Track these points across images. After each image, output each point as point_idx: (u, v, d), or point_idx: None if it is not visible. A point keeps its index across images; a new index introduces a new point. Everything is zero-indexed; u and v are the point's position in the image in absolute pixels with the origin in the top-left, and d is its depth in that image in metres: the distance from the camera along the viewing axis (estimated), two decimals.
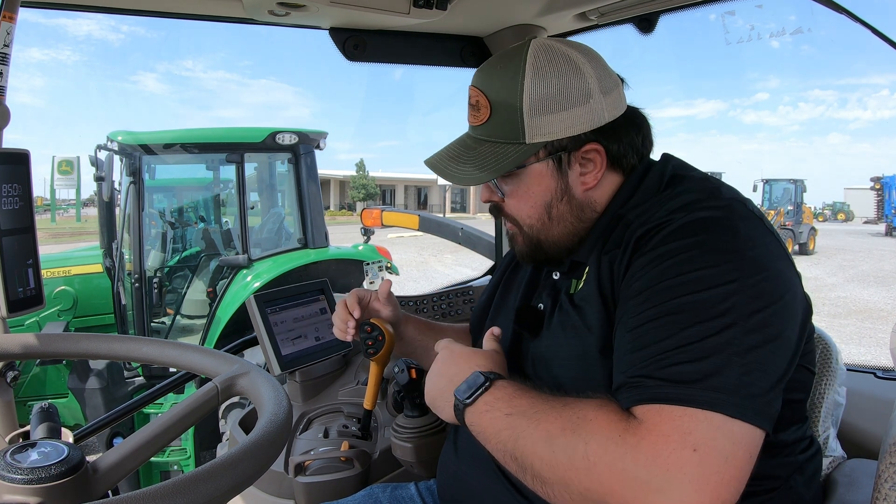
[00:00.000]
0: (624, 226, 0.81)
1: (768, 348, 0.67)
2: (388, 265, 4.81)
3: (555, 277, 0.92)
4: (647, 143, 0.90)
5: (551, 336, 0.86)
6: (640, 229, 0.77)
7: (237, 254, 4.30)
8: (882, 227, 22.88)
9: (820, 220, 30.37)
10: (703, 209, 0.75)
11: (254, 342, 1.48)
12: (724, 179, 0.91)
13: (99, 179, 4.23)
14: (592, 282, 0.81)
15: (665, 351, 0.67)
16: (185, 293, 4.56)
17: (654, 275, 0.72)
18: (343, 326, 1.10)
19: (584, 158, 0.85)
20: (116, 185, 4.39)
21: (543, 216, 0.88)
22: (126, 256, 4.28)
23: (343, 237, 7.33)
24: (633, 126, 0.88)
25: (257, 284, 4.08)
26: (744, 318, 0.66)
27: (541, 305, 0.91)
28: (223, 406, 3.63)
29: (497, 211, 0.93)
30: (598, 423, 0.66)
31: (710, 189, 0.81)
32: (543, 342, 0.87)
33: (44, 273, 0.97)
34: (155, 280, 4.39)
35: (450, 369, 0.84)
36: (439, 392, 0.84)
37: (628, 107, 0.89)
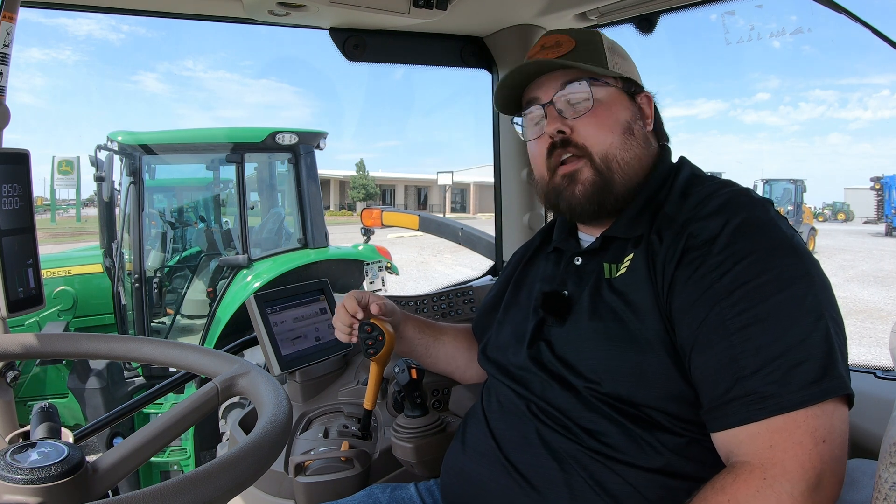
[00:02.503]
0: (664, 218, 0.85)
1: (838, 318, 0.74)
2: (388, 265, 4.81)
3: (577, 263, 0.94)
4: (663, 129, 1.00)
5: (580, 321, 0.87)
6: (692, 225, 0.80)
7: (237, 254, 4.30)
8: (882, 227, 22.85)
9: (820, 220, 30.35)
10: (748, 206, 0.79)
11: (254, 342, 1.48)
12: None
13: (99, 179, 4.23)
14: (641, 269, 0.83)
15: (779, 356, 0.69)
16: (185, 293, 4.57)
17: (734, 277, 0.74)
18: (346, 329, 1.11)
19: (640, 106, 0.96)
20: (116, 185, 4.39)
21: (622, 136, 0.91)
22: (126, 256, 4.28)
23: (343, 237, 7.33)
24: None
25: (257, 284, 4.08)
26: (826, 303, 0.73)
27: (566, 292, 0.92)
28: (223, 406, 3.63)
29: (554, 148, 0.92)
30: (739, 491, 0.67)
31: (740, 188, 0.85)
32: (573, 327, 0.88)
33: (44, 273, 0.97)
34: (155, 280, 4.40)
35: None
36: None
37: None
